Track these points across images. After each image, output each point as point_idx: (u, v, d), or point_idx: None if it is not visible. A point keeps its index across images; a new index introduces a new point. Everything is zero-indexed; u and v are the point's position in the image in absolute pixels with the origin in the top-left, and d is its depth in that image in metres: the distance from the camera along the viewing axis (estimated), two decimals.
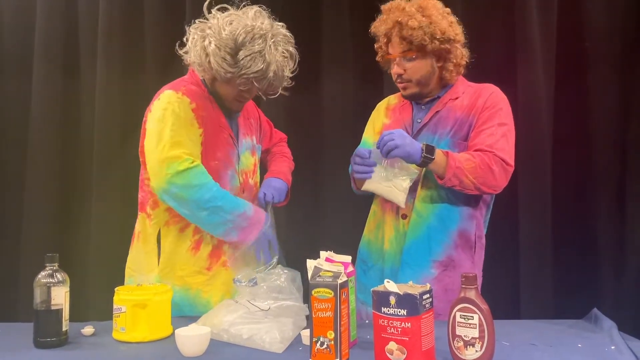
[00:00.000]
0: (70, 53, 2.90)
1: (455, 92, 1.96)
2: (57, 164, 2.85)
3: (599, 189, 2.69)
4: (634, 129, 2.67)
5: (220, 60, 1.71)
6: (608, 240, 2.67)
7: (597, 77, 2.69)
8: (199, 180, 1.75)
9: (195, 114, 1.82)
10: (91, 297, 2.70)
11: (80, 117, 2.90)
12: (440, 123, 1.92)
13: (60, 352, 1.50)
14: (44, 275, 1.53)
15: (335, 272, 1.39)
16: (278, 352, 1.46)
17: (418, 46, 1.86)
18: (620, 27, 2.68)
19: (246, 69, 1.71)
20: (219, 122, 1.88)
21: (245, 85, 1.77)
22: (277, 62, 1.74)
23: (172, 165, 1.74)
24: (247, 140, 1.98)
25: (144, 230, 1.90)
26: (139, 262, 1.91)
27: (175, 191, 1.74)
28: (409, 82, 1.93)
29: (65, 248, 2.70)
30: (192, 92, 1.84)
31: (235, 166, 1.92)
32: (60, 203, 2.85)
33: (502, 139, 1.85)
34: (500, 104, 1.91)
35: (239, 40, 1.70)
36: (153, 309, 1.60)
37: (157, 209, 1.86)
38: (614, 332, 1.57)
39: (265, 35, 1.72)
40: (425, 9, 1.88)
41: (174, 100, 1.81)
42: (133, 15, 2.86)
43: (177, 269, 1.85)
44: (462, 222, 1.90)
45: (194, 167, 1.76)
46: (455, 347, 1.35)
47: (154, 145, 1.78)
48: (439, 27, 1.86)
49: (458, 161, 1.77)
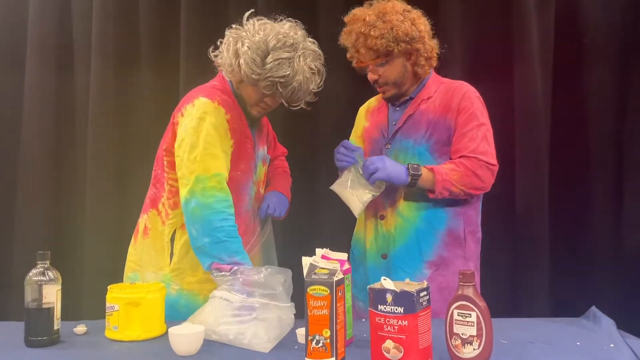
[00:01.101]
0: (63, 49, 2.87)
1: (428, 91, 2.00)
2: (50, 161, 2.83)
3: (596, 186, 2.69)
4: (630, 126, 2.67)
5: (250, 61, 1.73)
6: (606, 238, 2.66)
7: (595, 74, 2.69)
8: (219, 206, 1.73)
9: (230, 125, 1.82)
10: (83, 296, 2.68)
11: (74, 113, 2.87)
12: (414, 127, 1.96)
13: (52, 351, 1.48)
14: (35, 273, 1.51)
15: (331, 270, 1.37)
16: (264, 351, 1.45)
17: (385, 52, 1.91)
18: (618, 25, 2.67)
19: (273, 72, 1.73)
20: (245, 133, 1.89)
21: (269, 89, 1.77)
22: (304, 73, 1.76)
23: (200, 178, 1.74)
24: (261, 150, 1.99)
25: (155, 227, 1.89)
26: (148, 258, 1.89)
27: (193, 205, 1.73)
28: (386, 85, 1.98)
29: (58, 246, 2.67)
30: (226, 103, 1.85)
31: (253, 177, 1.93)
32: (53, 200, 2.83)
33: (483, 141, 1.90)
34: (475, 103, 1.94)
35: (270, 44, 1.73)
36: (146, 308, 1.59)
37: (176, 210, 1.84)
38: (612, 330, 1.56)
39: (295, 45, 1.76)
40: (385, 14, 1.91)
41: (211, 110, 1.80)
42: (127, 10, 2.84)
43: (189, 274, 1.83)
44: (449, 221, 1.93)
45: (222, 191, 1.75)
46: (453, 345, 1.34)
47: (187, 154, 1.76)
48: (401, 30, 1.90)
49: (444, 174, 1.83)
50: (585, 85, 2.71)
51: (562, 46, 2.71)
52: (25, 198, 2.81)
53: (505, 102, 2.70)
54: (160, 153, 1.91)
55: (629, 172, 2.66)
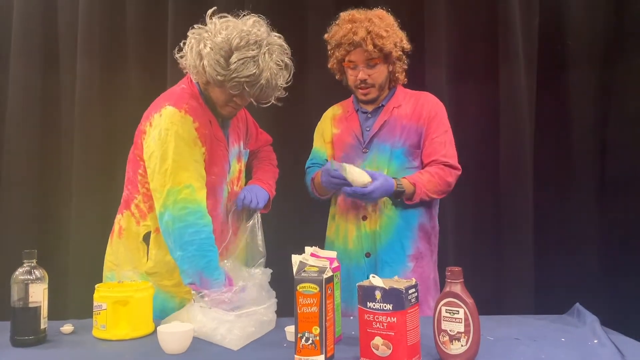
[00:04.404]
0: (49, 47, 2.83)
1: (397, 100, 2.16)
2: (35, 159, 2.79)
3: (580, 185, 2.72)
4: (614, 127, 2.70)
5: (214, 63, 1.70)
6: (589, 236, 2.69)
7: (579, 75, 2.71)
8: (191, 218, 1.71)
9: (199, 133, 1.80)
10: (71, 295, 2.65)
11: (60, 112, 2.84)
12: (390, 132, 2.10)
13: (39, 350, 1.47)
14: (21, 272, 1.51)
15: (320, 267, 1.38)
16: (234, 349, 1.47)
17: (385, 54, 2.06)
18: (602, 26, 2.70)
19: (238, 73, 1.70)
20: (216, 137, 1.87)
21: (236, 89, 1.74)
22: (271, 70, 1.73)
23: (171, 192, 1.72)
24: (235, 147, 1.98)
25: (129, 227, 1.88)
26: (124, 257, 1.88)
27: (166, 219, 1.72)
28: (372, 86, 2.11)
29: (44, 244, 2.62)
30: (194, 110, 1.81)
31: (227, 178, 1.92)
32: (39, 199, 2.79)
33: (450, 145, 2.11)
34: (441, 112, 2.14)
35: (233, 44, 1.69)
36: (134, 306, 1.58)
37: (152, 213, 1.83)
38: (596, 326, 1.59)
39: (260, 42, 1.72)
40: (383, 19, 2.08)
41: (177, 120, 1.77)
42: (114, 9, 2.81)
43: (166, 277, 1.83)
44: (420, 217, 2.10)
45: (194, 202, 1.73)
46: (441, 341, 1.35)
47: (158, 167, 1.75)
48: (399, 36, 2.10)
49: (423, 186, 2.01)
50: (569, 86, 2.73)
51: (546, 47, 2.73)
52: (10, 196, 2.77)
53: (489, 103, 2.73)
54: (131, 156, 1.90)
55: (613, 171, 2.69)
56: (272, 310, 1.66)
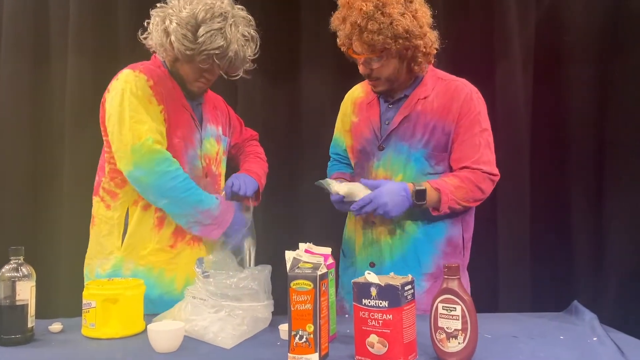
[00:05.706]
0: (40, 41, 2.79)
1: (425, 89, 1.85)
2: (25, 155, 2.75)
3: (576, 183, 2.70)
4: (611, 125, 2.69)
5: (182, 37, 1.73)
6: (586, 234, 2.68)
7: (576, 72, 2.70)
8: (162, 167, 1.75)
9: (154, 91, 1.81)
10: (59, 292, 2.61)
11: (50, 107, 2.80)
12: (410, 130, 1.82)
13: (26, 349, 1.44)
14: (8, 269, 1.47)
15: (314, 264, 1.35)
16: (226, 347, 1.44)
17: (381, 49, 1.75)
18: (599, 23, 2.69)
19: (207, 46, 1.73)
20: (180, 102, 1.88)
21: (205, 63, 1.78)
22: (238, 41, 1.77)
23: (135, 147, 1.74)
24: (212, 127, 1.97)
25: (99, 214, 1.88)
26: (95, 248, 1.88)
27: (138, 175, 1.75)
28: (378, 79, 1.84)
29: (32, 241, 2.61)
30: (150, 70, 1.85)
31: (197, 149, 1.90)
32: (29, 195, 2.75)
33: (486, 149, 1.80)
34: (478, 107, 1.82)
35: (199, 17, 1.73)
36: (125, 304, 1.55)
37: (125, 187, 1.83)
38: (595, 324, 1.57)
39: (225, 14, 1.76)
40: (385, 5, 1.71)
41: (131, 79, 1.80)
42: (105, 4, 2.77)
43: (140, 248, 1.82)
44: (448, 230, 1.84)
45: (159, 153, 1.76)
46: (438, 339, 1.32)
47: (117, 129, 1.77)
48: (402, 26, 1.71)
49: (450, 192, 1.73)
50: (566, 83, 2.72)
51: (543, 45, 2.72)
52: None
53: (486, 101, 2.70)
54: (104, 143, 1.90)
55: (610, 170, 2.68)
56: (269, 310, 1.62)
